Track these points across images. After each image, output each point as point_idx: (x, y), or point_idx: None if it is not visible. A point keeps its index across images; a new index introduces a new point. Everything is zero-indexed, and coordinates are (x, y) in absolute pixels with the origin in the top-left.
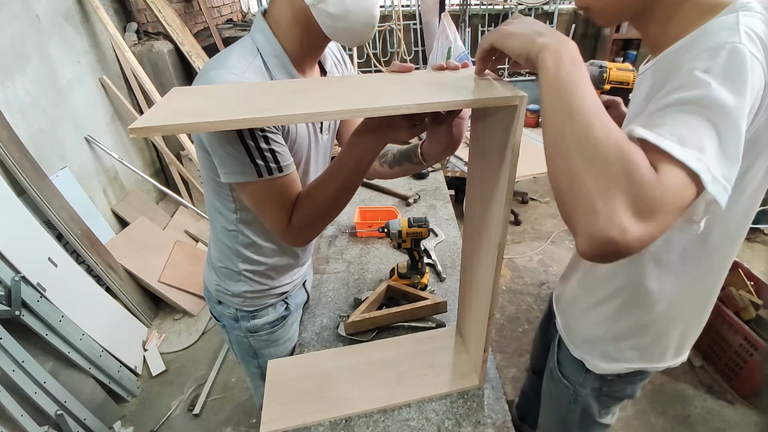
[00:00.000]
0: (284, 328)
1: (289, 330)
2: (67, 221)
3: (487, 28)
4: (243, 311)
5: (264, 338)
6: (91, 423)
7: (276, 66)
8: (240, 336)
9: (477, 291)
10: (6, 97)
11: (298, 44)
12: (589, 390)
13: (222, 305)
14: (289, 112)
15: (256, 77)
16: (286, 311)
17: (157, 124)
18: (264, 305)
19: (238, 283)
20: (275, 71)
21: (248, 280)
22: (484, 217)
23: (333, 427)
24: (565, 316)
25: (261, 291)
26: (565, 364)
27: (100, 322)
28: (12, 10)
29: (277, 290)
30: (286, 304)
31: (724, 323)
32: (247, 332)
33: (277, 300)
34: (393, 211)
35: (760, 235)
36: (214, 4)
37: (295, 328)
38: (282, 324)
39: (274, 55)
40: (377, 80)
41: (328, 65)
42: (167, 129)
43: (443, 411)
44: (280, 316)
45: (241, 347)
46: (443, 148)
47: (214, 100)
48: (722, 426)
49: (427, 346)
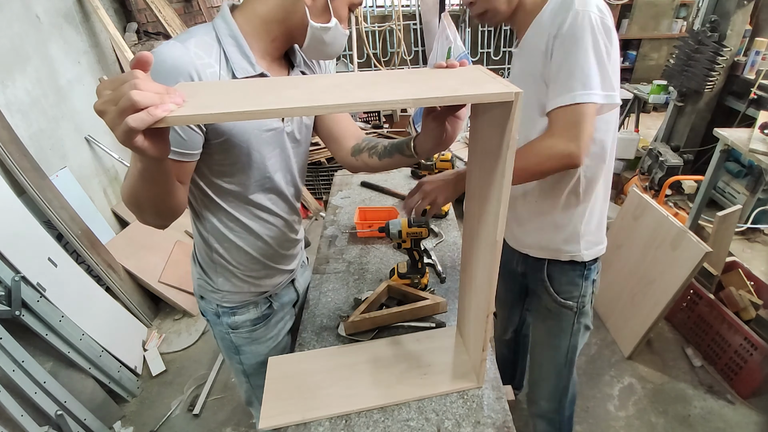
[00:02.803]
0: (266, 327)
1: (272, 329)
2: (67, 221)
3: (487, 28)
4: (224, 307)
5: (245, 336)
6: (91, 423)
7: (230, 45)
8: (223, 332)
9: (476, 289)
10: (6, 97)
11: (270, 41)
12: (588, 296)
13: (204, 300)
14: (286, 106)
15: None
16: (269, 310)
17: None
18: (245, 302)
19: (218, 278)
20: (229, 50)
21: (226, 275)
22: (483, 215)
23: (333, 427)
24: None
25: (240, 288)
26: (562, 289)
27: (100, 322)
28: (12, 10)
29: (259, 289)
30: (269, 302)
31: (724, 323)
32: (228, 328)
33: (259, 298)
34: (393, 211)
35: (760, 235)
36: (214, 4)
37: (280, 327)
38: (264, 323)
39: (229, 35)
40: (376, 77)
41: (296, 59)
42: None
43: (443, 411)
44: (262, 314)
45: (224, 342)
46: (435, 143)
47: (216, 94)
48: (722, 426)
49: (427, 346)
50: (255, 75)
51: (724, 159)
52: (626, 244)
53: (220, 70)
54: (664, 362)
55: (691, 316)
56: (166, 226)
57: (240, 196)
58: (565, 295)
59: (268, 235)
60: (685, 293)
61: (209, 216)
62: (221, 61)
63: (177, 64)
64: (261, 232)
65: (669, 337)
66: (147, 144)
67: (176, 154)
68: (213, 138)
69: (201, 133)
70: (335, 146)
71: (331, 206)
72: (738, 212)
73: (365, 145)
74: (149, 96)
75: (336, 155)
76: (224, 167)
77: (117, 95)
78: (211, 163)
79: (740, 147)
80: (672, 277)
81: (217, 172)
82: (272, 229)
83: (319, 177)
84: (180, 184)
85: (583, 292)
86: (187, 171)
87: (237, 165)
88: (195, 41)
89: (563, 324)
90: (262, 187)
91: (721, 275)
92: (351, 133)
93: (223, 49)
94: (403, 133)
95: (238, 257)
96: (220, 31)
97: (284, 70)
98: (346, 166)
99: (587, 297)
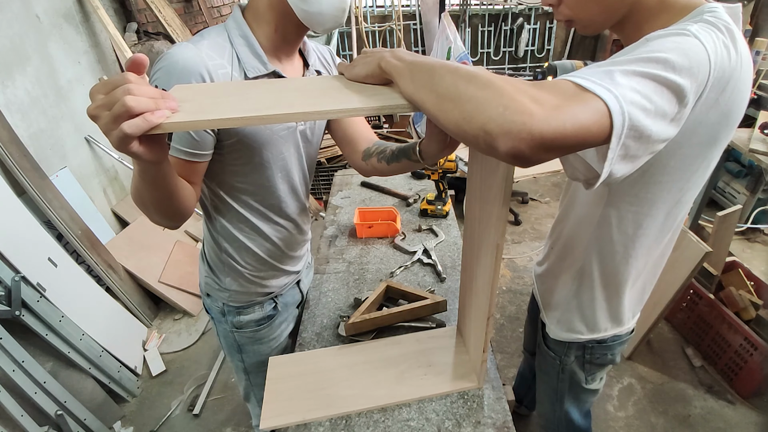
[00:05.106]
0: (270, 328)
1: (275, 330)
2: (67, 221)
3: (487, 28)
4: (229, 306)
5: (248, 335)
6: (91, 423)
7: (241, 45)
8: (227, 330)
9: (476, 291)
10: (6, 97)
11: (273, 29)
12: (573, 359)
13: (210, 298)
14: (285, 111)
15: (214, 52)
16: (274, 311)
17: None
18: (250, 302)
19: (226, 278)
20: (240, 50)
21: (234, 275)
22: (483, 216)
23: (333, 427)
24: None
25: (247, 289)
26: (549, 338)
27: (100, 322)
28: (12, 10)
29: (265, 289)
30: (274, 303)
31: (724, 323)
32: (233, 327)
33: (265, 299)
34: (393, 211)
35: (760, 235)
36: (214, 4)
37: (283, 328)
38: (268, 324)
39: (240, 35)
40: None
41: (311, 59)
42: (168, 127)
43: (443, 411)
44: (266, 315)
45: (227, 340)
46: (441, 147)
47: (215, 98)
48: (722, 426)
49: (427, 346)
50: (267, 74)
51: (724, 159)
52: None
53: (232, 70)
54: (664, 362)
55: (691, 316)
56: (176, 226)
57: (252, 196)
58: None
59: (277, 236)
60: (685, 293)
61: (220, 217)
62: (233, 62)
63: (188, 65)
64: (270, 233)
65: (669, 337)
66: (143, 149)
67: (187, 154)
68: (225, 139)
69: (213, 135)
70: (349, 149)
71: (331, 206)
72: (738, 212)
73: (374, 149)
74: (144, 101)
75: (349, 158)
76: (236, 167)
77: (110, 100)
78: (224, 164)
79: (740, 147)
80: (672, 277)
81: (230, 172)
82: (281, 231)
83: (319, 177)
84: (189, 185)
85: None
86: (198, 171)
87: (250, 165)
88: (208, 43)
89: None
90: (274, 186)
91: (721, 275)
92: (365, 136)
93: (234, 49)
94: (403, 134)
95: (247, 258)
96: (231, 32)
97: (299, 69)
98: (358, 169)
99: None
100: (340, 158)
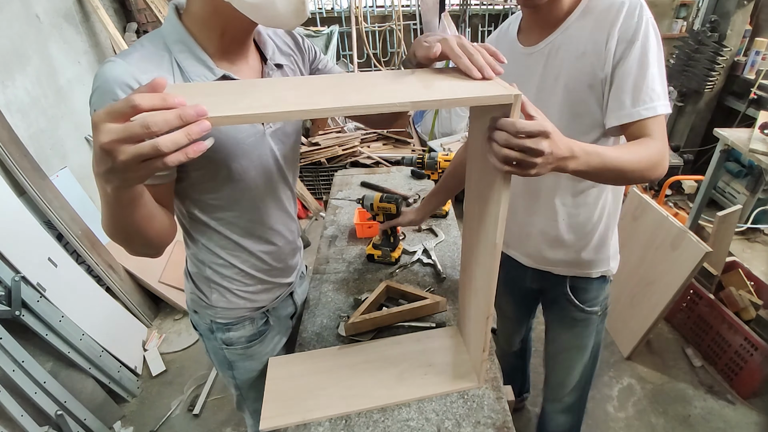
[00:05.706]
0: (262, 344)
1: (268, 345)
2: (67, 221)
3: (487, 28)
4: (218, 323)
5: (239, 352)
6: (91, 423)
7: (181, 52)
8: (216, 347)
9: (476, 291)
10: (6, 97)
11: (219, 35)
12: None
13: (197, 315)
14: (282, 109)
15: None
16: (266, 326)
17: None
18: (240, 318)
19: (212, 294)
20: (180, 57)
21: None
22: (483, 216)
23: (333, 427)
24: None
25: (235, 305)
26: (587, 298)
27: (100, 322)
28: (12, 10)
29: (255, 304)
30: (266, 318)
31: (724, 323)
32: (222, 344)
33: (256, 314)
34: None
35: (760, 235)
36: None
37: (276, 341)
38: (260, 339)
39: (178, 41)
40: (375, 78)
41: (269, 52)
42: None
43: (443, 411)
44: (257, 330)
45: (217, 357)
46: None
47: (211, 97)
48: (722, 426)
49: (427, 346)
50: (216, 79)
51: (724, 159)
52: (626, 244)
53: (174, 80)
54: (664, 362)
55: (691, 316)
56: (159, 254)
57: (229, 212)
58: (590, 303)
59: (262, 251)
60: (685, 293)
61: (199, 236)
62: (174, 71)
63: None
64: (255, 249)
65: (669, 337)
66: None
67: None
68: None
69: None
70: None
71: (331, 206)
72: (738, 212)
73: None
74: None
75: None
76: (204, 184)
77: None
78: (191, 182)
79: (740, 147)
80: (672, 277)
81: (199, 189)
82: (267, 244)
83: (319, 177)
84: (163, 207)
85: (605, 295)
86: (163, 194)
87: (217, 180)
88: (140, 55)
89: (590, 328)
90: (251, 198)
91: (721, 275)
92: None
93: (173, 57)
94: (403, 134)
95: (233, 275)
96: (168, 37)
97: (255, 66)
98: None
99: (608, 298)
100: (340, 158)
